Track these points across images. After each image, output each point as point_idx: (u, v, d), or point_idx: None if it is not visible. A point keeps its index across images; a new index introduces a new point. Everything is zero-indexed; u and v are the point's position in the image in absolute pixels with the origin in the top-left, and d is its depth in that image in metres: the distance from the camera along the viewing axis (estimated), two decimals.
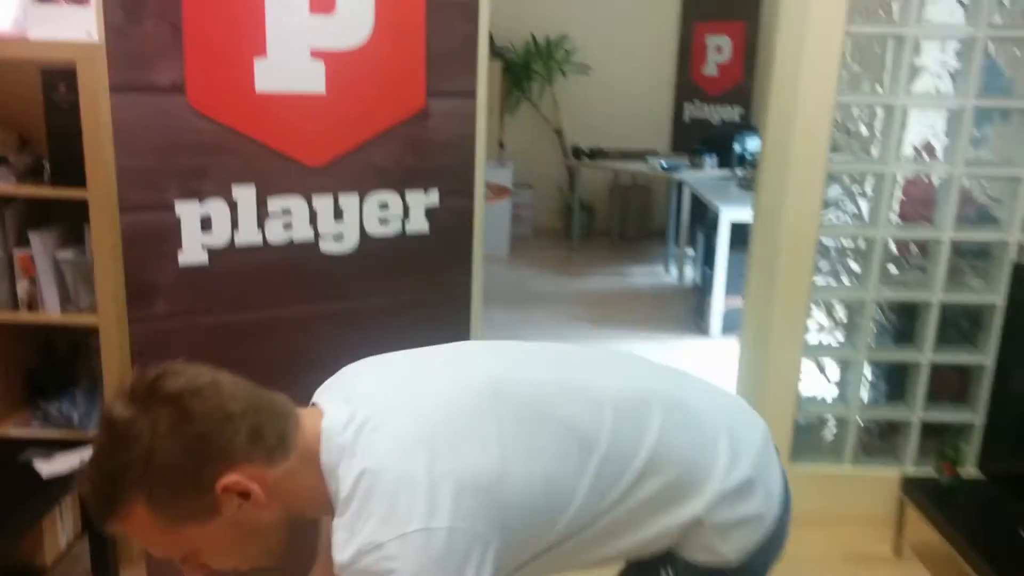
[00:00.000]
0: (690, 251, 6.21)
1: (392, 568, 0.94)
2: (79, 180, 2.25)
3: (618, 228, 7.36)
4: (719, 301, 5.02)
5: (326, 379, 1.20)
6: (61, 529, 2.37)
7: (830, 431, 3.14)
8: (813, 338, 3.01)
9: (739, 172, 5.70)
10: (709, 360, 4.76)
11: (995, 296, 2.85)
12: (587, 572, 1.29)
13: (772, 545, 1.29)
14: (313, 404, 1.14)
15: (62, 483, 2.21)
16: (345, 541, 0.97)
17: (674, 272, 6.42)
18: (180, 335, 1.87)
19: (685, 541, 1.21)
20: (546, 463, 1.07)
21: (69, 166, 2.26)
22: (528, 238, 7.41)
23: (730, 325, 4.97)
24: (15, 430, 2.53)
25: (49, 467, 2.24)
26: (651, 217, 7.49)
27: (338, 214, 2.00)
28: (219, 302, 1.90)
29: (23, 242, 2.35)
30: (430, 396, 1.09)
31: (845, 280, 2.96)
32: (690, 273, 6.22)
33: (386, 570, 0.94)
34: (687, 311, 5.57)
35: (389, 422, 1.04)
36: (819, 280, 2.93)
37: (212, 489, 0.99)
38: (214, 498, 0.99)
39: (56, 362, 2.65)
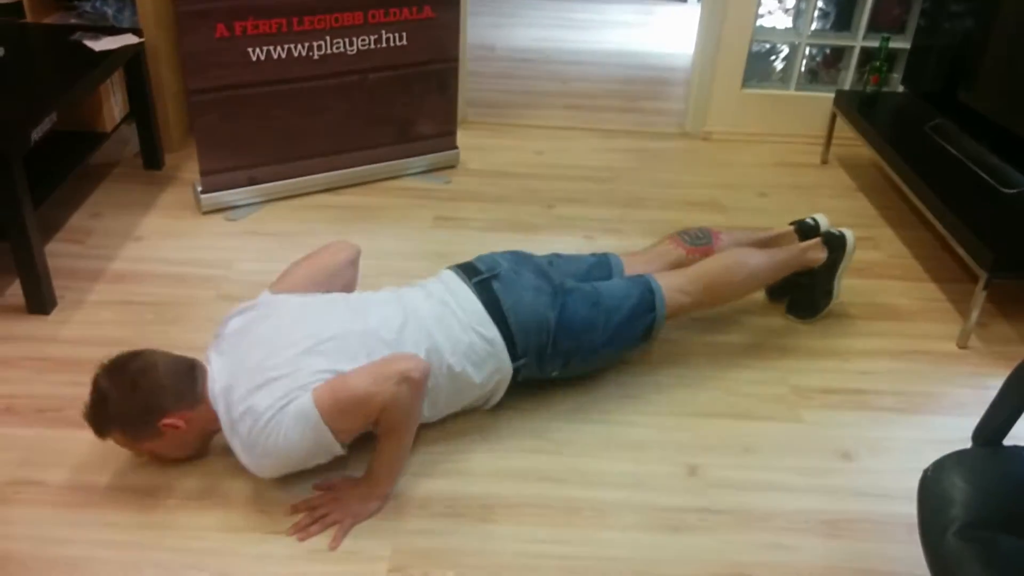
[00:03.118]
0: None
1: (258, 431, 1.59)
2: None
3: None
4: None
5: None
6: (114, 102, 2.76)
7: (780, 60, 3.51)
8: None
9: None
10: (684, 25, 5.02)
11: None
12: None
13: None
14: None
15: (112, 58, 2.56)
16: (231, 438, 1.63)
17: None
18: None
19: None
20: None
21: None
22: None
23: None
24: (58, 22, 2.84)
25: (99, 44, 2.58)
26: None
27: None
28: None
29: None
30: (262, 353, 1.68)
31: None
32: None
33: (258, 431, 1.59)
34: None
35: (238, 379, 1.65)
36: None
37: (157, 425, 1.65)
38: (159, 429, 1.65)
39: None
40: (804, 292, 2.34)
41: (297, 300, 1.80)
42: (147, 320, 2.21)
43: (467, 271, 1.92)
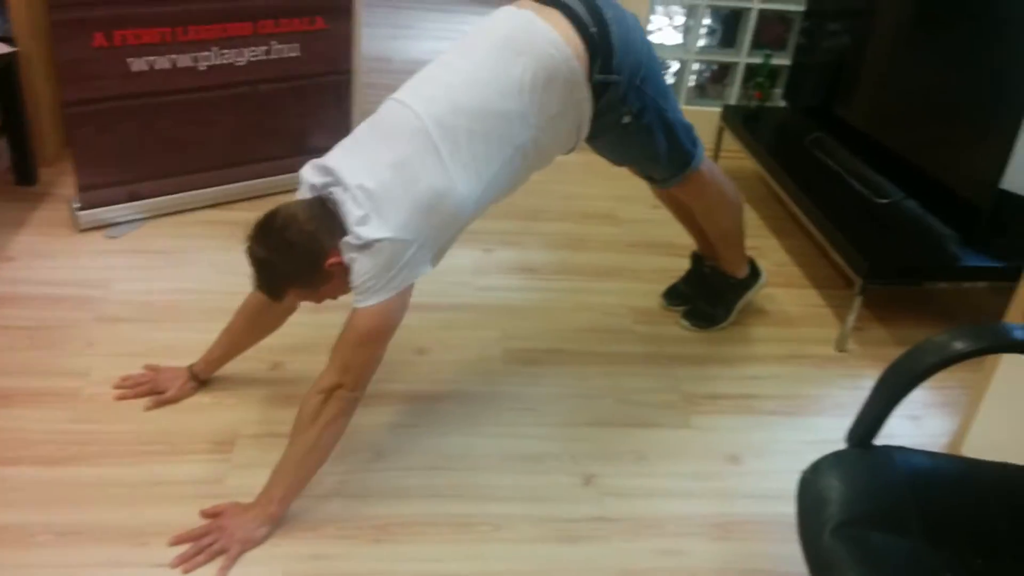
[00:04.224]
0: None
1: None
2: None
3: None
4: None
5: None
6: None
7: (670, 75, 3.61)
8: None
9: None
10: None
11: None
12: None
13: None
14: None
15: None
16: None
17: None
18: None
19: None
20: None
21: None
22: None
23: None
24: None
25: None
26: None
27: None
28: None
29: None
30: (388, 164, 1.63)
31: None
32: None
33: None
34: None
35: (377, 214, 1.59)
36: None
37: (323, 268, 1.59)
38: (326, 271, 1.60)
39: None
40: (708, 302, 2.42)
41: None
42: (22, 345, 2.08)
43: None
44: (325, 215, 1.60)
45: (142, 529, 1.63)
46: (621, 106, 1.87)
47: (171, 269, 2.44)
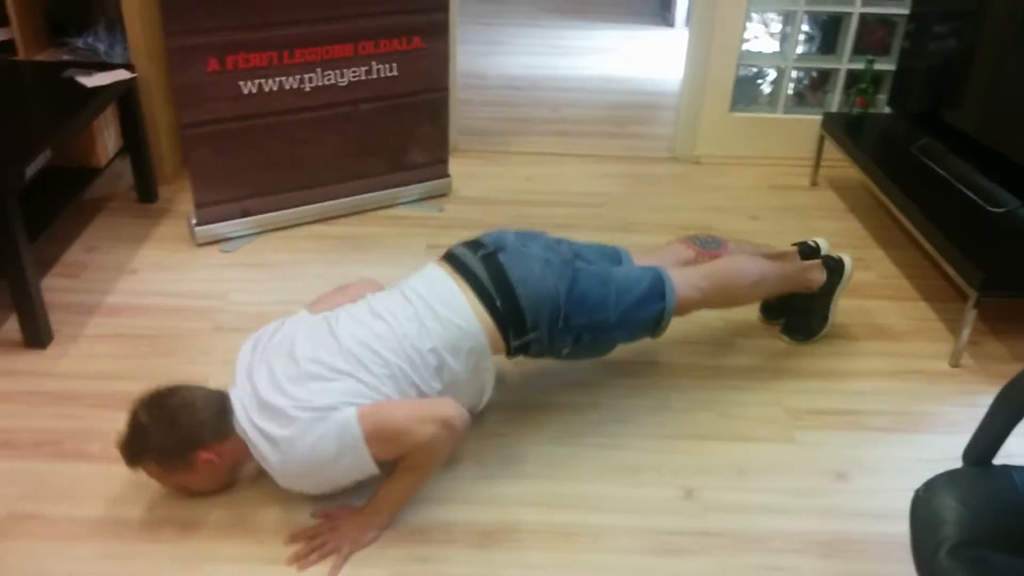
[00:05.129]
0: None
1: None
2: None
3: None
4: None
5: None
6: (108, 137, 2.78)
7: (767, 84, 3.56)
8: None
9: None
10: (672, 49, 5.08)
11: None
12: None
13: None
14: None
15: (105, 93, 2.59)
16: (258, 438, 1.63)
17: None
18: None
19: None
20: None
21: None
22: None
23: None
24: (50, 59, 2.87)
25: (91, 81, 2.61)
26: None
27: None
28: None
29: None
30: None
31: None
32: None
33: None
34: (653, 3, 5.78)
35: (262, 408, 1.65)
36: None
37: (193, 459, 1.66)
38: (195, 463, 1.66)
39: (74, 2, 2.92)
40: (800, 315, 2.36)
41: (343, 312, 1.82)
42: (143, 353, 2.21)
43: (472, 246, 1.91)
44: (221, 411, 1.67)
45: (259, 527, 1.71)
46: (552, 348, 1.90)
47: (281, 281, 2.54)
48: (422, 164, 3.06)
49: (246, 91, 2.60)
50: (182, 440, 1.64)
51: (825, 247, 2.39)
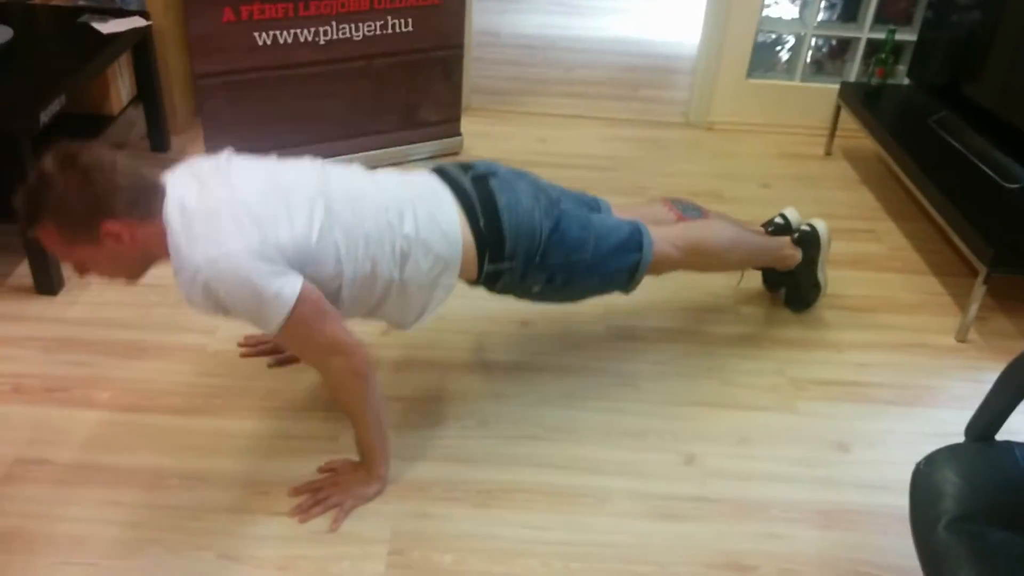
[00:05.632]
0: None
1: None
2: None
3: None
4: None
5: None
6: (122, 84, 2.77)
7: (786, 51, 3.51)
8: None
9: None
10: (688, 12, 5.01)
11: None
12: None
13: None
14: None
15: (119, 40, 2.57)
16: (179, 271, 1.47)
17: None
18: None
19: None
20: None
21: None
22: None
23: None
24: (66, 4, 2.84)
25: (106, 27, 2.59)
26: None
27: None
28: None
29: None
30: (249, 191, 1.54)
31: None
32: None
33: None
34: None
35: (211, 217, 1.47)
36: None
37: (98, 229, 1.45)
38: (98, 234, 1.45)
39: None
40: (792, 289, 2.36)
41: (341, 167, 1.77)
42: (152, 302, 2.23)
43: (463, 167, 1.87)
44: (147, 188, 1.50)
45: (262, 479, 1.74)
46: (523, 283, 1.84)
47: None
48: (434, 122, 3.04)
49: (260, 42, 2.58)
50: (89, 203, 1.43)
51: (795, 218, 2.37)
